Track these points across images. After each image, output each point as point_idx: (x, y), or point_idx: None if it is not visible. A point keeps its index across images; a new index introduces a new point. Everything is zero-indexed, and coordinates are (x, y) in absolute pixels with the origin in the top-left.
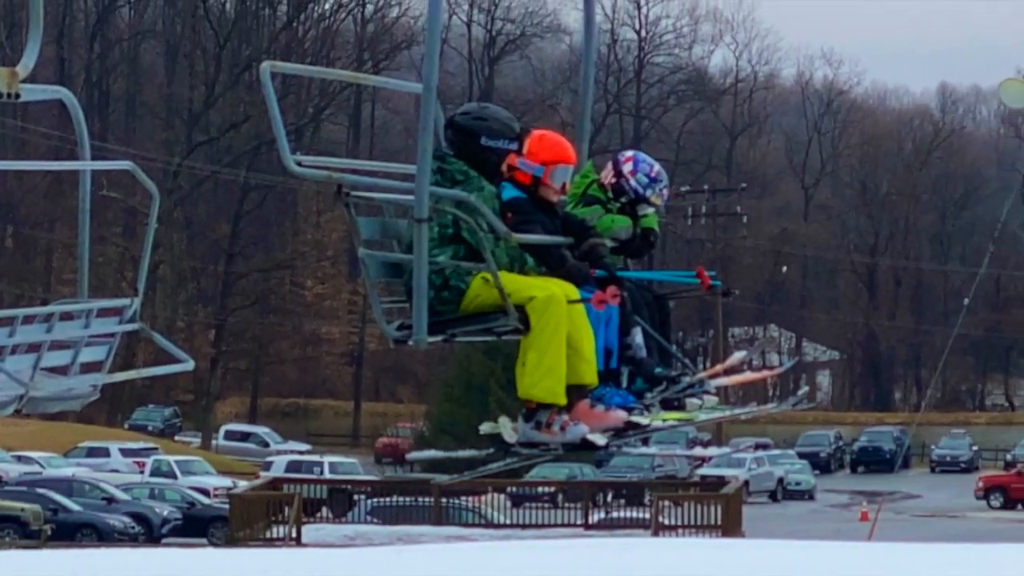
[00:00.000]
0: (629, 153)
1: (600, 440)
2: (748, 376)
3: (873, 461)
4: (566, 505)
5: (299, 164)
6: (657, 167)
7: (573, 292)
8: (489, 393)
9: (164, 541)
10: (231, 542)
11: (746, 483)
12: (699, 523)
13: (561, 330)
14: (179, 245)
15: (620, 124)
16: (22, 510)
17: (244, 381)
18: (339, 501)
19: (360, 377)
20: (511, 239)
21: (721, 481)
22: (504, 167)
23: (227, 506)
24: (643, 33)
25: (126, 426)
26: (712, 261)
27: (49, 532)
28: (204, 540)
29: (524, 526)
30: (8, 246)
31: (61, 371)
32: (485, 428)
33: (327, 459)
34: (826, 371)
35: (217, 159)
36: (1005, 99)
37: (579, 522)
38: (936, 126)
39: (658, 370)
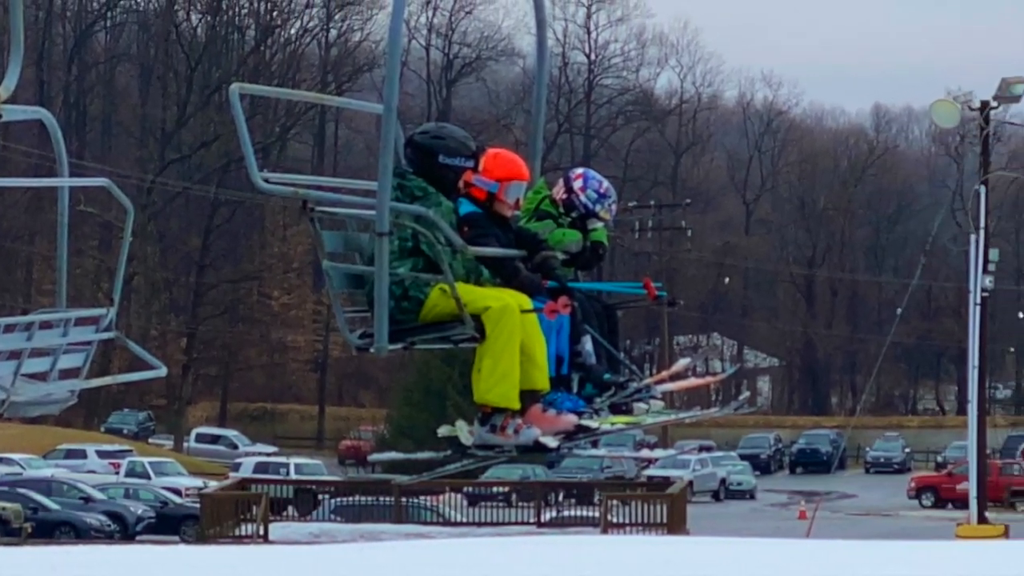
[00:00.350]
0: (579, 170)
1: (552, 442)
2: (692, 382)
3: (811, 462)
4: (520, 504)
5: (266, 181)
6: (606, 184)
7: (526, 302)
8: (447, 398)
9: (138, 538)
10: (202, 539)
11: (690, 483)
12: (646, 521)
13: (515, 338)
14: (152, 258)
15: (571, 143)
16: (3, 509)
17: (214, 386)
18: (304, 500)
19: (324, 383)
20: (467, 252)
21: (667, 481)
22: (461, 184)
23: (198, 505)
24: (592, 56)
25: (102, 429)
26: (658, 273)
27: (30, 530)
28: (176, 537)
29: (480, 524)
30: None
31: (41, 377)
32: (443, 431)
33: (293, 460)
34: (766, 377)
35: (188, 176)
36: (936, 119)
37: (532, 520)
38: (870, 145)
39: (607, 376)
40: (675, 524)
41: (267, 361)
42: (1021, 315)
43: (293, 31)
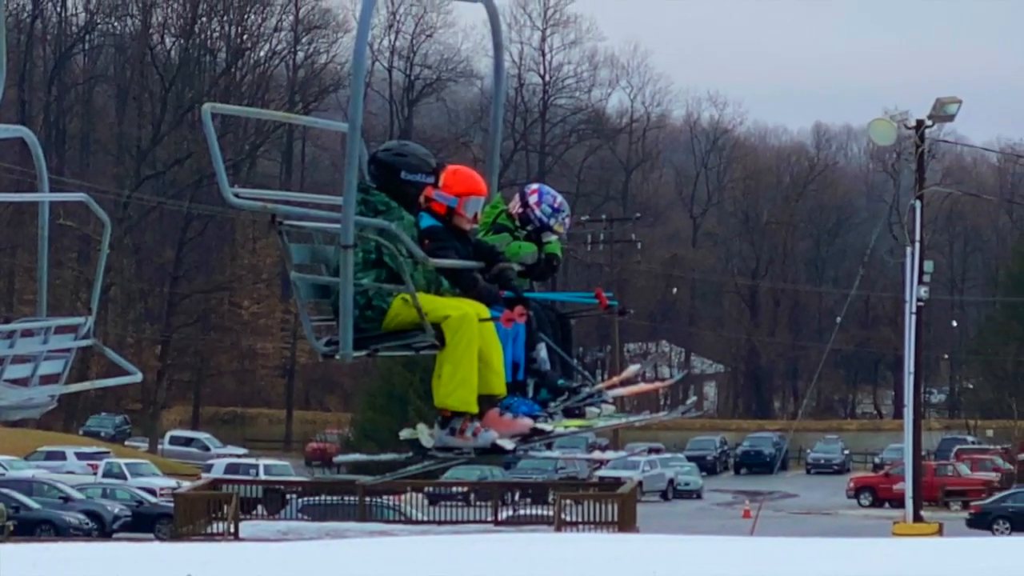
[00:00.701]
0: (534, 186)
1: (508, 445)
2: (642, 387)
3: (755, 464)
4: (477, 503)
5: (237, 196)
6: (560, 198)
7: (484, 311)
8: (408, 402)
9: (115, 536)
10: (175, 537)
11: (640, 483)
12: (597, 520)
13: (473, 345)
14: (128, 269)
15: (526, 160)
16: None
17: (187, 391)
18: (273, 500)
19: (292, 388)
20: (428, 264)
21: (617, 482)
22: (422, 198)
23: (172, 504)
24: (547, 77)
25: (81, 432)
26: (609, 283)
27: (12, 528)
28: (151, 535)
29: (440, 522)
30: None
31: (22, 382)
32: (405, 434)
33: (262, 462)
34: (712, 382)
35: (163, 191)
36: (874, 137)
37: (489, 519)
38: (811, 162)
39: (561, 382)
40: (625, 522)
41: (237, 367)
42: (954, 324)
43: (262, 53)
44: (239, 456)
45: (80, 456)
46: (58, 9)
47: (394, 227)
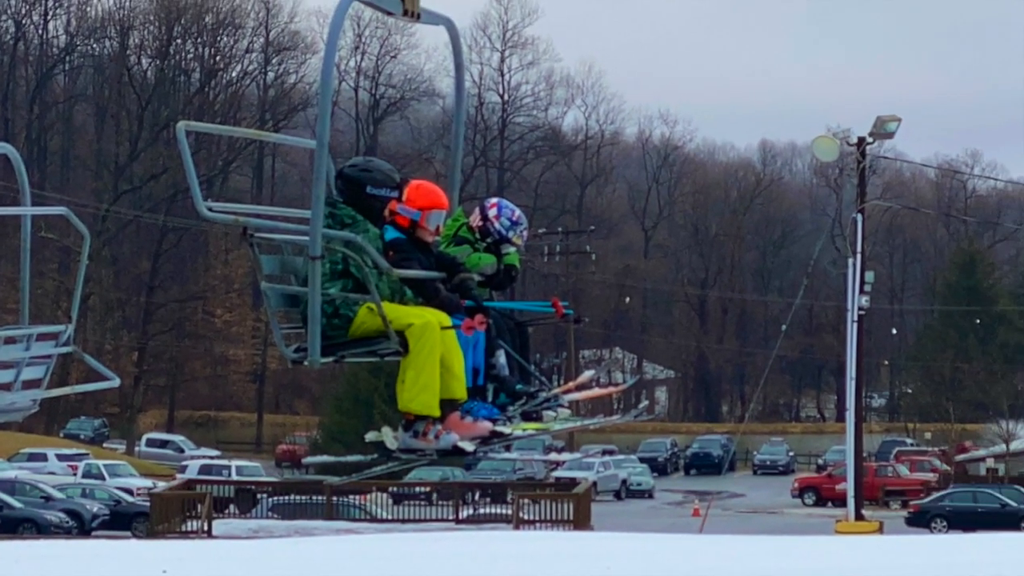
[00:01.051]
0: (494, 200)
1: (469, 447)
2: (596, 392)
3: (704, 465)
4: (439, 503)
5: (210, 209)
6: (518, 212)
7: (446, 319)
8: (374, 406)
9: (94, 534)
10: (152, 534)
11: (594, 484)
12: (554, 518)
13: (435, 352)
14: (107, 279)
15: (486, 175)
16: None
17: (163, 396)
18: (244, 499)
19: (262, 392)
20: (393, 274)
21: (573, 482)
22: (386, 212)
23: (148, 503)
24: (506, 97)
25: (61, 435)
26: (565, 293)
27: None
28: (128, 533)
29: (404, 521)
30: None
31: (5, 387)
32: (370, 436)
33: (234, 463)
34: (663, 387)
35: (139, 205)
36: (817, 153)
37: (451, 517)
38: (758, 177)
39: (519, 387)
40: (581, 521)
41: (211, 373)
42: (894, 331)
43: (234, 74)
44: (212, 458)
45: (61, 457)
46: (40, 31)
47: (360, 239)
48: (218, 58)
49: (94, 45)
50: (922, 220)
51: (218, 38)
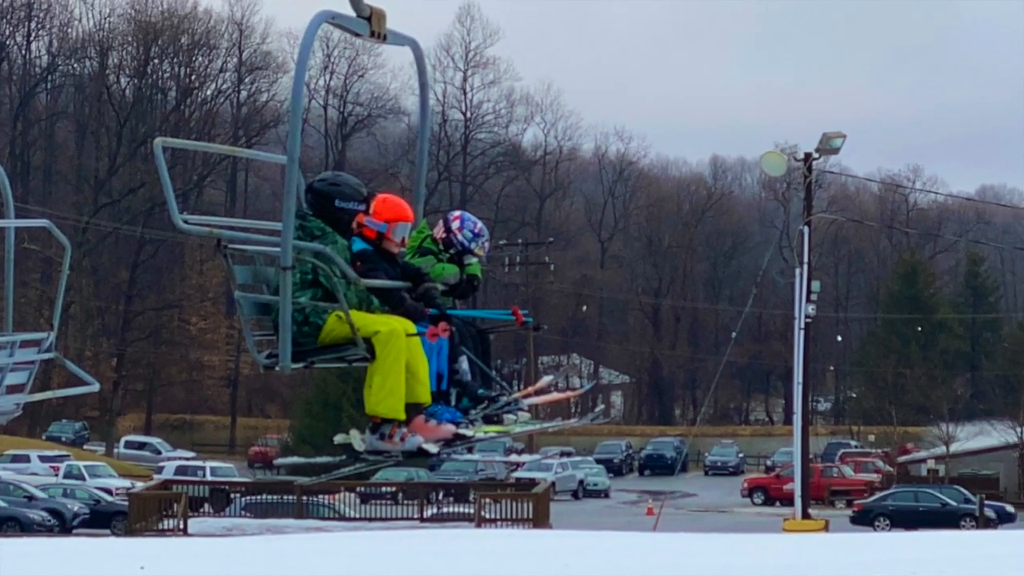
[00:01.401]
0: (457, 213)
1: (433, 448)
2: (554, 396)
3: (657, 466)
4: (405, 502)
5: (186, 222)
6: (480, 224)
7: (411, 327)
8: (342, 410)
9: (75, 532)
10: (130, 532)
11: (553, 484)
12: (514, 517)
13: (401, 358)
14: (87, 288)
15: (449, 189)
16: None
17: (140, 400)
18: (219, 499)
19: (236, 396)
20: (360, 284)
21: (532, 482)
22: (354, 224)
23: (127, 503)
24: (468, 114)
25: (43, 437)
26: (525, 302)
27: None
28: (108, 531)
29: (371, 519)
30: None
31: None
32: (339, 439)
33: (209, 464)
34: (619, 392)
35: (118, 218)
36: (766, 168)
37: (416, 516)
38: (709, 191)
39: (481, 391)
40: (540, 519)
41: (186, 378)
42: (839, 338)
43: (209, 92)
44: (188, 459)
45: (43, 459)
46: (23, 52)
47: (329, 250)
48: (193, 77)
49: (75, 65)
50: (866, 232)
51: (193, 58)
